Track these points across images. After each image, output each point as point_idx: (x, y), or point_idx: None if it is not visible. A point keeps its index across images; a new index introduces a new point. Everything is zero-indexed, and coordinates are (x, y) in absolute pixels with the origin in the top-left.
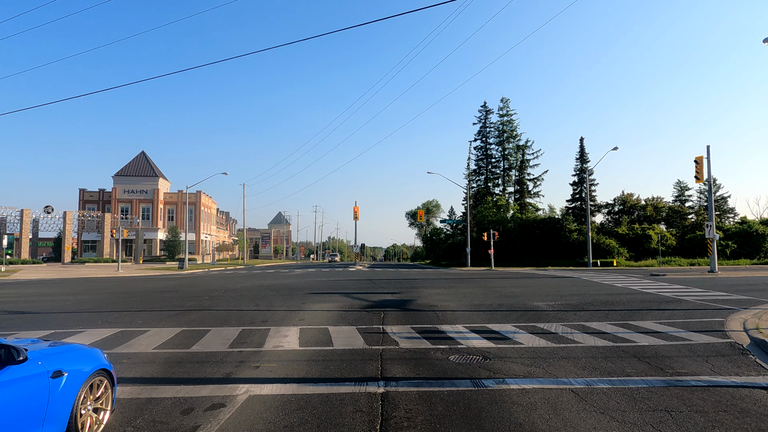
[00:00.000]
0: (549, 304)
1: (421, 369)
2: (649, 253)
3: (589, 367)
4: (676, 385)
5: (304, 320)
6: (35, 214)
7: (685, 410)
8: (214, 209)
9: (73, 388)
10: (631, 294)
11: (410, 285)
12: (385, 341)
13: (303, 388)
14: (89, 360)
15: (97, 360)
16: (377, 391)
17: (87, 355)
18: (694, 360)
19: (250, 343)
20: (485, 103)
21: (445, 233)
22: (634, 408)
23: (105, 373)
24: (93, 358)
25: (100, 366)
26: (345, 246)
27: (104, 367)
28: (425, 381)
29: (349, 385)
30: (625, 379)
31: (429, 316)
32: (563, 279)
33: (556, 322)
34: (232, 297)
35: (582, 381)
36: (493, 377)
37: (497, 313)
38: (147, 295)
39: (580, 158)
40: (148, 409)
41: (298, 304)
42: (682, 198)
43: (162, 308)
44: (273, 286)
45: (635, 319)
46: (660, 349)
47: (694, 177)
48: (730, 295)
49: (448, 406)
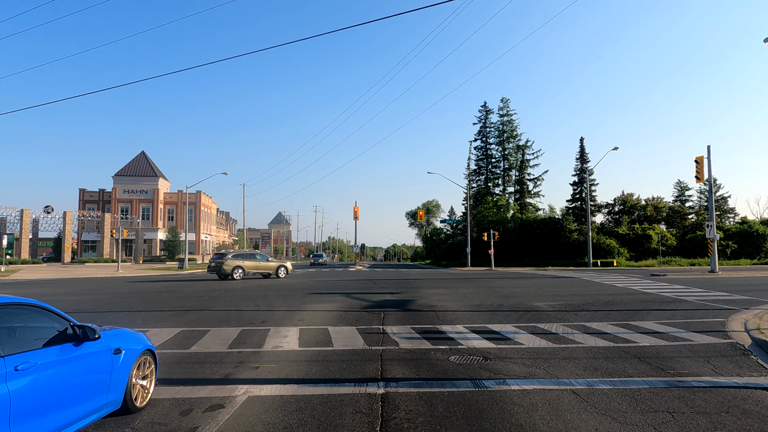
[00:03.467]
0: (549, 304)
1: (422, 370)
2: (650, 253)
3: (590, 368)
4: (678, 385)
5: (304, 320)
6: (35, 214)
7: (687, 411)
8: (214, 209)
9: (128, 363)
10: (632, 294)
11: (410, 285)
12: (385, 342)
13: (302, 389)
14: (138, 341)
15: (144, 342)
16: (377, 392)
17: (136, 337)
18: (696, 361)
19: (250, 344)
20: (485, 103)
21: (445, 233)
22: (636, 409)
23: (149, 353)
24: (141, 340)
25: (147, 347)
26: (345, 246)
27: (149, 347)
28: (425, 382)
29: (349, 385)
30: (627, 379)
31: (429, 317)
32: (563, 279)
33: (557, 322)
34: (231, 297)
35: (583, 382)
36: (493, 378)
37: (498, 314)
38: (146, 295)
39: (580, 158)
40: (146, 410)
41: (297, 305)
42: (682, 198)
43: (161, 308)
44: (273, 286)
45: (636, 319)
46: (661, 350)
47: (694, 177)
48: (730, 295)
49: (448, 407)
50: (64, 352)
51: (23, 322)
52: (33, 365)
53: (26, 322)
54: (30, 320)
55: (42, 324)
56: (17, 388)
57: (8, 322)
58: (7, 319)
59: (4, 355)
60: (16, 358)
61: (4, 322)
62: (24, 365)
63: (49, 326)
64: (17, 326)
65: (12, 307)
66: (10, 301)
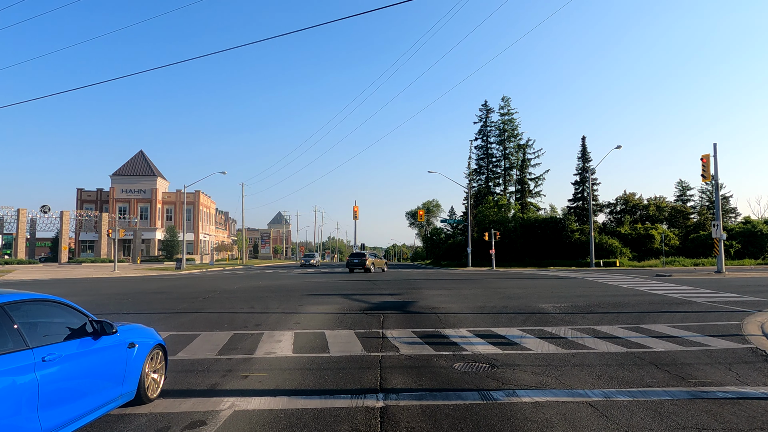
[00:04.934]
0: (555, 306)
1: (424, 379)
2: (652, 253)
3: (605, 377)
4: (703, 397)
5: (300, 324)
6: (32, 213)
7: (719, 428)
8: (212, 209)
9: (141, 356)
10: (639, 295)
11: (411, 286)
12: (385, 347)
13: (294, 402)
14: (150, 336)
15: (155, 337)
16: (376, 405)
17: (148, 333)
18: (716, 368)
19: (241, 350)
20: (486, 102)
21: (446, 233)
22: (662, 425)
23: (160, 348)
24: (153, 335)
25: (158, 341)
26: (345, 246)
27: (160, 342)
28: (428, 393)
29: (345, 398)
30: (646, 390)
31: (431, 319)
32: (567, 280)
33: (565, 325)
34: (226, 298)
35: (599, 393)
36: (502, 388)
37: (502, 316)
38: (139, 297)
39: (582, 157)
40: (117, 429)
41: (294, 306)
42: (684, 198)
43: (152, 311)
44: (270, 287)
45: (647, 322)
46: (678, 356)
47: (701, 175)
48: (741, 296)
49: (454, 424)
50: (84, 345)
51: (47, 317)
52: (58, 356)
53: (50, 317)
54: (53, 315)
55: (63, 319)
56: (44, 378)
57: (34, 317)
58: (33, 315)
59: (33, 347)
60: (43, 350)
61: (31, 317)
62: (50, 356)
63: (69, 321)
64: (42, 321)
65: (37, 303)
66: (36, 297)
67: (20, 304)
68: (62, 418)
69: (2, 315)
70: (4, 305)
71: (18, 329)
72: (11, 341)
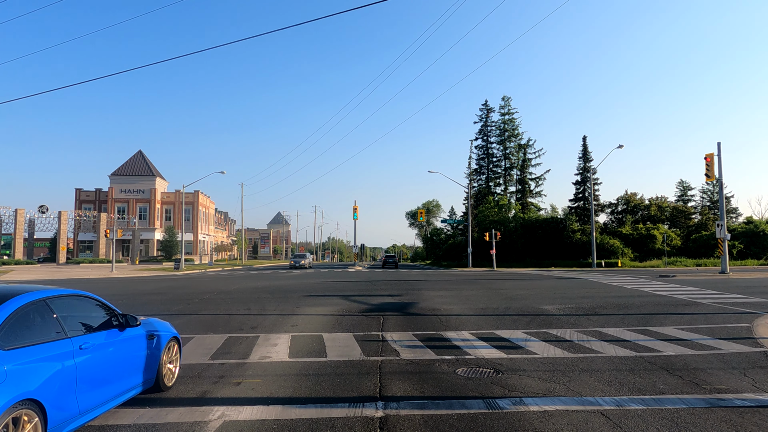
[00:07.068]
0: (559, 307)
1: (426, 385)
2: (654, 254)
3: (616, 383)
4: (720, 405)
5: (297, 326)
6: (30, 213)
7: None
8: (212, 209)
9: (159, 347)
10: (644, 296)
11: (411, 287)
12: (385, 351)
13: (288, 411)
14: (167, 329)
15: (171, 329)
16: (375, 414)
17: (165, 326)
18: (731, 373)
19: (235, 354)
20: (486, 101)
21: (446, 233)
22: None
23: (175, 340)
24: (168, 328)
25: (173, 334)
26: (345, 246)
27: (175, 335)
28: (431, 401)
29: (343, 406)
30: (660, 397)
31: (432, 321)
32: (570, 280)
33: (570, 328)
34: (223, 300)
35: (611, 400)
36: (508, 396)
37: (505, 318)
38: (134, 298)
39: (583, 157)
40: None
41: (291, 308)
42: (685, 198)
43: (147, 313)
44: (268, 287)
45: (654, 324)
46: (689, 360)
47: (704, 175)
48: (747, 297)
49: None
50: (112, 336)
51: (79, 310)
52: (92, 345)
53: (81, 310)
54: (85, 309)
55: (93, 312)
56: (82, 364)
57: (71, 310)
58: (70, 308)
59: (71, 336)
60: (79, 339)
61: (69, 311)
62: (85, 345)
63: (98, 314)
64: (77, 314)
65: (71, 298)
66: (70, 293)
67: (58, 298)
68: (94, 401)
69: (45, 308)
70: (46, 299)
71: (58, 320)
72: (53, 331)
